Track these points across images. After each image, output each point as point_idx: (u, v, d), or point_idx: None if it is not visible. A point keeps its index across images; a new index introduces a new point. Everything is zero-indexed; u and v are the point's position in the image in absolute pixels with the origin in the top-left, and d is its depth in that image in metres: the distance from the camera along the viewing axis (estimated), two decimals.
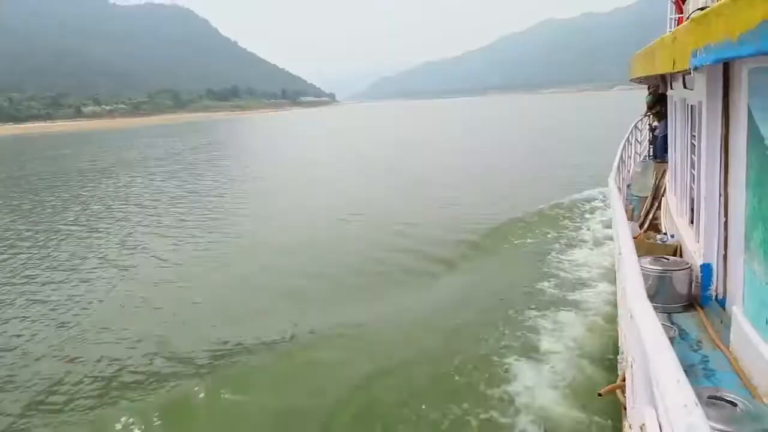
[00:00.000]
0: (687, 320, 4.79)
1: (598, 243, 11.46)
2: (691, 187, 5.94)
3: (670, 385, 1.61)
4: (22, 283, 12.22)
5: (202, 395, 6.67)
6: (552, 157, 29.33)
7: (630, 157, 11.56)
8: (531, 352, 6.79)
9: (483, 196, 19.23)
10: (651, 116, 12.94)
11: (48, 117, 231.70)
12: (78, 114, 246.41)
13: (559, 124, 58.30)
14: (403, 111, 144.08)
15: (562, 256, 10.82)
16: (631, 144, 12.00)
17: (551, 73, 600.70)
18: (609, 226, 11.46)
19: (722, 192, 4.61)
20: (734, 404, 2.91)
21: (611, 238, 9.57)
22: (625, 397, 3.62)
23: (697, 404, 1.49)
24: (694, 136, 5.70)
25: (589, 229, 12.90)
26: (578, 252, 11.06)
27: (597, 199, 15.97)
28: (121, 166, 39.73)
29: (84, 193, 26.80)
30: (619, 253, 4.23)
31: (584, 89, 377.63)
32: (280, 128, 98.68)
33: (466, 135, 48.49)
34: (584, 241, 11.87)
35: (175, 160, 42.54)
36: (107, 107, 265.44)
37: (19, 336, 9.24)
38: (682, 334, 4.52)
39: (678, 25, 7.04)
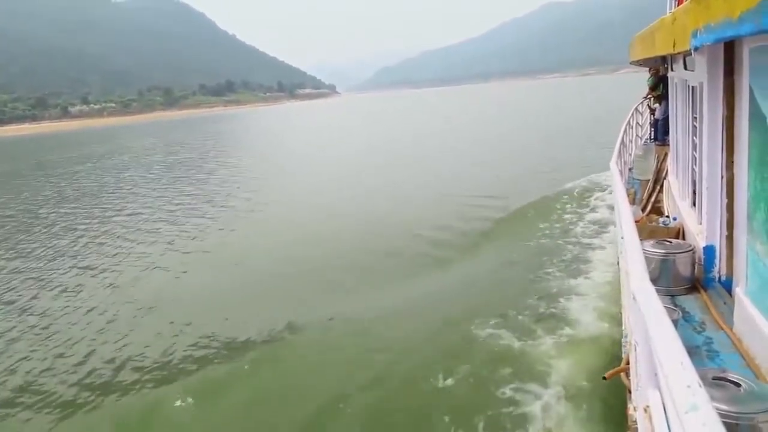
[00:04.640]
0: (690, 302, 4.79)
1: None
2: (693, 169, 5.91)
3: (673, 366, 1.60)
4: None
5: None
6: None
7: (631, 141, 11.52)
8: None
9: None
10: (651, 99, 12.87)
11: (33, 118, 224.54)
12: (65, 114, 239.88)
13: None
14: (409, 102, 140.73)
15: None
16: (632, 127, 11.94)
17: (554, 58, 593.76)
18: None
19: (724, 173, 4.59)
20: (738, 384, 2.91)
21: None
22: (629, 380, 3.62)
23: (700, 385, 1.49)
24: (696, 117, 5.67)
25: None
26: None
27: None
28: None
29: None
30: (622, 237, 4.22)
31: (588, 73, 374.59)
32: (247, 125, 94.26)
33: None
34: None
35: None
36: (96, 106, 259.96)
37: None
38: (686, 316, 4.52)
39: (678, 6, 6.98)
